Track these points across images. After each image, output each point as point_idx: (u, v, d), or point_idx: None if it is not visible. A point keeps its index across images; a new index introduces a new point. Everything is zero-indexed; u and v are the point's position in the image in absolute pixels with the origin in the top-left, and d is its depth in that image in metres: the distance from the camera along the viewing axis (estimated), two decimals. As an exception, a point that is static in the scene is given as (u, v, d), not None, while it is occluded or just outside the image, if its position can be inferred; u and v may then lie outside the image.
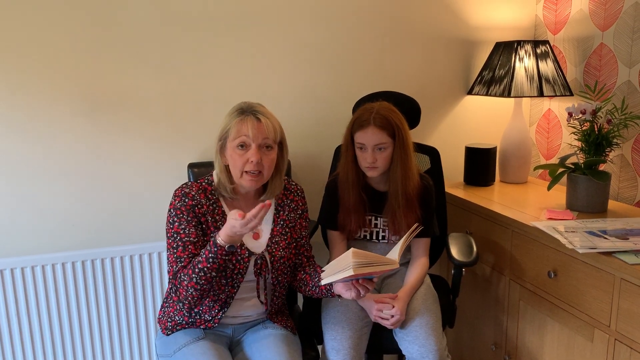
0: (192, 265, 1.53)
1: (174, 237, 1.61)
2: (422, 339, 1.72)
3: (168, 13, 2.08)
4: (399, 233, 1.86)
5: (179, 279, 1.56)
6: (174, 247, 1.60)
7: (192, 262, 1.54)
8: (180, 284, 1.56)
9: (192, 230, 1.60)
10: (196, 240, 1.60)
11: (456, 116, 2.58)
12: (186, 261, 1.58)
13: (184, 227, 1.60)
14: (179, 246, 1.59)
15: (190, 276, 1.53)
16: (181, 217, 1.61)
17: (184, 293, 1.56)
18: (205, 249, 1.52)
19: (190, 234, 1.60)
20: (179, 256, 1.59)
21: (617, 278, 1.62)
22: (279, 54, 2.25)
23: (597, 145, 2.00)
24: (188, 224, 1.61)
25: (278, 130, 1.65)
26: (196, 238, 1.60)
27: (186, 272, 1.54)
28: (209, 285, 1.54)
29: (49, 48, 1.98)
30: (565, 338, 1.85)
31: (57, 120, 2.03)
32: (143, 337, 2.21)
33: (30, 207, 2.06)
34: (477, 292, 2.32)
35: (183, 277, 1.55)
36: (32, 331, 2.06)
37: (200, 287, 1.53)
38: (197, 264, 1.52)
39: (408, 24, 2.40)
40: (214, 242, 1.49)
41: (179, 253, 1.59)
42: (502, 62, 2.34)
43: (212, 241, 1.49)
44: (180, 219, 1.61)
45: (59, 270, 2.05)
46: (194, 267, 1.52)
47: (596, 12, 2.26)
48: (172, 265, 1.59)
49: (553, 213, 2.00)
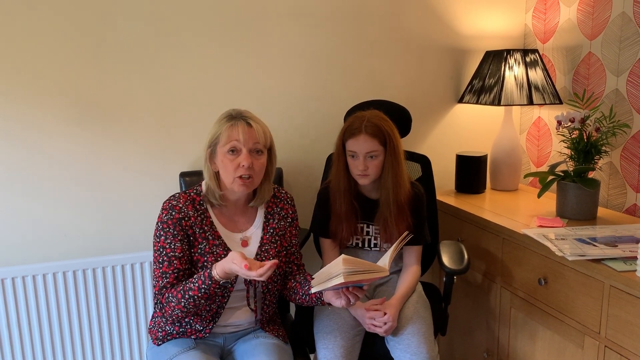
0: (182, 289, 1.55)
1: (160, 252, 1.62)
2: (414, 346, 1.72)
3: (160, 22, 2.09)
4: (390, 241, 1.87)
5: (166, 299, 1.58)
6: (159, 261, 1.61)
7: (183, 287, 1.55)
8: (168, 304, 1.57)
9: (178, 245, 1.61)
10: (181, 255, 1.61)
11: (447, 124, 2.59)
12: (171, 277, 1.59)
13: (169, 242, 1.61)
14: (165, 261, 1.60)
15: (179, 300, 1.55)
16: (167, 231, 1.62)
17: (169, 312, 1.58)
18: (198, 278, 1.53)
19: (175, 248, 1.61)
20: (164, 271, 1.60)
21: (606, 285, 1.63)
22: (271, 63, 2.26)
23: (586, 153, 2.01)
24: (174, 238, 1.61)
25: (268, 135, 1.66)
26: (181, 253, 1.61)
27: (175, 295, 1.56)
28: (195, 309, 1.57)
29: (40, 56, 1.98)
30: (556, 345, 1.86)
31: (48, 130, 2.03)
32: (135, 347, 2.20)
33: (18, 217, 2.05)
34: (468, 300, 2.32)
35: (171, 299, 1.56)
36: (22, 341, 2.04)
37: (187, 310, 1.56)
38: (188, 291, 1.53)
39: (399, 34, 2.42)
40: (209, 274, 1.51)
41: (165, 268, 1.60)
42: (492, 70, 2.36)
43: (207, 273, 1.51)
44: (167, 233, 1.62)
45: (49, 280, 2.04)
46: (184, 293, 1.54)
47: (584, 22, 2.28)
48: (158, 280, 1.61)
49: (543, 220, 2.02)
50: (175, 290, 1.56)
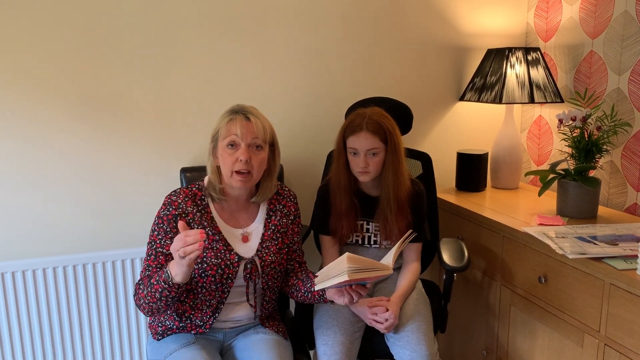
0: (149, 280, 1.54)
1: (151, 245, 1.64)
2: (414, 344, 1.73)
3: (162, 18, 2.09)
4: (390, 238, 1.87)
5: (139, 285, 1.59)
6: (148, 254, 1.64)
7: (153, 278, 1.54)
8: (137, 293, 1.59)
9: (168, 242, 1.62)
10: (168, 253, 1.62)
11: (448, 122, 2.59)
12: (153, 271, 1.60)
13: (161, 238, 1.62)
14: (152, 254, 1.62)
15: (145, 286, 1.55)
16: (161, 227, 1.63)
17: (140, 300, 1.57)
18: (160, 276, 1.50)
19: (164, 245, 1.62)
20: (149, 264, 1.62)
21: (606, 283, 1.63)
22: (272, 59, 2.26)
23: (587, 151, 2.01)
24: (165, 234, 1.62)
25: (268, 130, 1.66)
26: (169, 251, 1.61)
27: (144, 283, 1.56)
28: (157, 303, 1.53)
29: (42, 52, 1.97)
30: (556, 343, 1.86)
31: (49, 125, 2.03)
32: (134, 342, 2.20)
33: (18, 212, 2.05)
34: (468, 297, 2.33)
35: (142, 287, 1.57)
36: (22, 336, 2.05)
37: (150, 300, 1.53)
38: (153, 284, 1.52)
39: (401, 31, 2.42)
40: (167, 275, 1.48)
41: (150, 262, 1.62)
42: (494, 68, 2.36)
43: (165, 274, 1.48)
44: (160, 229, 1.63)
45: (49, 274, 2.04)
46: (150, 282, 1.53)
47: (586, 20, 2.28)
48: (142, 272, 1.63)
49: (544, 219, 2.02)
50: (148, 280, 1.55)
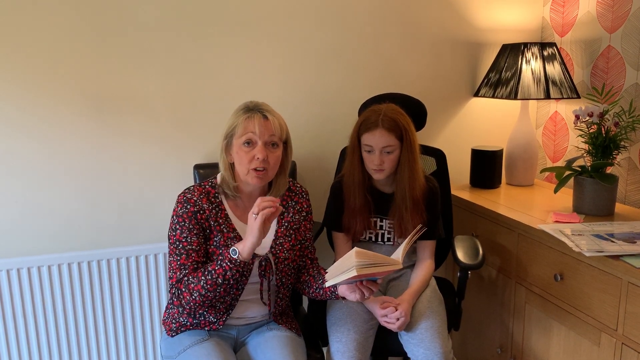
0: (203, 270, 1.55)
1: (176, 245, 1.62)
2: (428, 341, 1.72)
3: (173, 15, 2.09)
4: (405, 235, 1.86)
5: (185, 283, 1.57)
6: (177, 254, 1.61)
7: (205, 268, 1.55)
8: (187, 287, 1.56)
9: (194, 239, 1.61)
10: (198, 249, 1.62)
11: (462, 118, 2.57)
12: (190, 268, 1.59)
13: (185, 235, 1.61)
14: (182, 254, 1.60)
15: (199, 279, 1.54)
16: (183, 225, 1.62)
17: (187, 297, 1.56)
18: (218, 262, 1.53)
19: (192, 242, 1.61)
20: (182, 264, 1.60)
21: (624, 282, 1.61)
22: (285, 55, 2.25)
23: (605, 148, 1.99)
24: (190, 232, 1.62)
25: (284, 128, 1.66)
26: (198, 246, 1.61)
27: (195, 276, 1.56)
28: (214, 293, 1.54)
29: (54, 50, 1.98)
30: (572, 342, 1.84)
31: (63, 122, 2.04)
32: (148, 338, 2.21)
33: (35, 208, 2.07)
34: (482, 295, 2.31)
35: (191, 280, 1.56)
36: (38, 331, 2.07)
37: (205, 293, 1.54)
38: (210, 272, 1.53)
39: (414, 26, 2.40)
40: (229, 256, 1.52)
41: (183, 261, 1.60)
42: (509, 64, 2.34)
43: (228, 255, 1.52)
44: (182, 227, 1.62)
45: (64, 270, 2.06)
46: (205, 272, 1.54)
47: (604, 15, 2.25)
48: (176, 272, 1.60)
49: (560, 216, 1.99)
50: (195, 273, 1.56)
